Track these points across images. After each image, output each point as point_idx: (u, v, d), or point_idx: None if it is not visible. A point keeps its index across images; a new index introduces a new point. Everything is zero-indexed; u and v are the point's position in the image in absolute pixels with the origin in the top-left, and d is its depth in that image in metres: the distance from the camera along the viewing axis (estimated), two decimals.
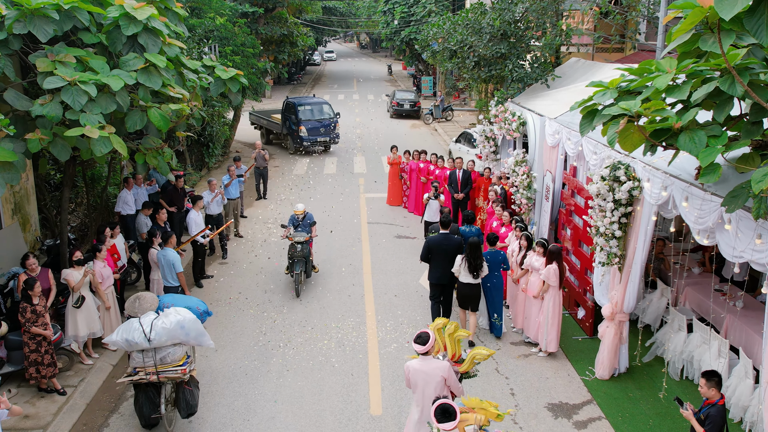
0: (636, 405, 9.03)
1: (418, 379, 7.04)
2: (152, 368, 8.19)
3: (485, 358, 7.41)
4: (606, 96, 7.19)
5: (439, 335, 7.44)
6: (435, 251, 10.95)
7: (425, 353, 6.99)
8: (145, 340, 8.03)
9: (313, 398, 9.22)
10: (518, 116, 13.97)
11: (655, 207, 8.43)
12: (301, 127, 26.18)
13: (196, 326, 8.44)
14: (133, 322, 8.22)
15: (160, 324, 8.14)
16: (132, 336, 8.03)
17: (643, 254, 8.91)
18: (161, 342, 8.12)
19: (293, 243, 12.77)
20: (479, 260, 10.34)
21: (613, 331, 9.52)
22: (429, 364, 7.00)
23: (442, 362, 7.06)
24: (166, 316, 8.29)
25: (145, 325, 8.13)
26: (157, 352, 8.19)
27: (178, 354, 8.36)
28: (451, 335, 7.46)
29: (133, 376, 8.25)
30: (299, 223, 13.20)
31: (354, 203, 19.46)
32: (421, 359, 7.06)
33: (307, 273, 13.06)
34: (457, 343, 7.52)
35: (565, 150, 11.89)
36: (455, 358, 7.48)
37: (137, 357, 8.19)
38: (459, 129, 31.10)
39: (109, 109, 8.95)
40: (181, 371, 8.31)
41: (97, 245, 10.30)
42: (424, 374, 7.00)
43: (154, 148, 10.45)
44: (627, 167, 8.89)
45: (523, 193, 13.46)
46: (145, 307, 8.50)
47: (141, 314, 8.37)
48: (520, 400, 9.17)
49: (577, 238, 11.38)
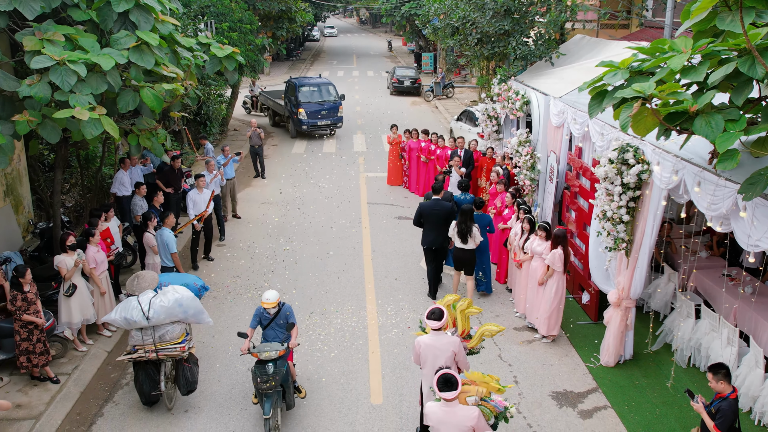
0: (642, 393, 8.84)
1: (429, 354, 7.03)
2: (151, 346, 8.15)
3: (494, 334, 7.50)
4: (617, 76, 6.88)
5: (449, 311, 7.51)
6: (427, 216, 11.33)
7: (438, 329, 6.98)
8: (144, 319, 7.99)
9: (312, 386, 9.01)
10: (522, 95, 13.63)
11: (665, 191, 8.15)
12: (300, 110, 24.54)
13: (195, 304, 8.38)
14: (132, 300, 8.17)
15: (158, 302, 8.09)
16: (130, 314, 7.99)
17: (651, 240, 8.66)
18: (160, 320, 8.08)
19: (260, 362, 7.78)
20: (468, 227, 10.73)
21: (619, 318, 9.30)
22: (440, 340, 7.00)
23: (453, 338, 7.09)
24: (164, 295, 8.24)
25: (143, 303, 8.09)
26: (155, 330, 8.15)
27: (177, 332, 8.31)
28: (463, 312, 7.54)
29: (132, 354, 8.20)
30: (270, 322, 8.26)
31: (354, 183, 19.16)
32: (432, 335, 7.04)
33: (288, 403, 8.12)
34: (467, 319, 7.59)
35: (570, 130, 11.58)
36: (464, 334, 7.59)
37: (136, 335, 8.14)
38: (460, 106, 30.69)
39: (99, 89, 8.64)
40: (180, 349, 8.28)
41: (90, 229, 10.03)
42: (435, 349, 6.99)
43: (148, 129, 10.15)
44: (636, 150, 8.60)
45: (527, 174, 13.17)
46: (143, 285, 8.43)
47: (139, 293, 8.29)
48: (524, 388, 8.97)
49: (582, 220, 11.12)
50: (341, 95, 25.82)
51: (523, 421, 8.25)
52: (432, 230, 11.28)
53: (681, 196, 7.88)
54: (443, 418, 5.94)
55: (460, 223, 10.78)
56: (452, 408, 5.93)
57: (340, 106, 25.33)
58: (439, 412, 5.95)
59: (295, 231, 15.11)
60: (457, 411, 5.93)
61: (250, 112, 30.11)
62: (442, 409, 5.95)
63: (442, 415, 5.94)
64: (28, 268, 8.61)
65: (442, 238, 11.23)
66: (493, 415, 6.46)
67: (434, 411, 6.00)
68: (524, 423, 8.22)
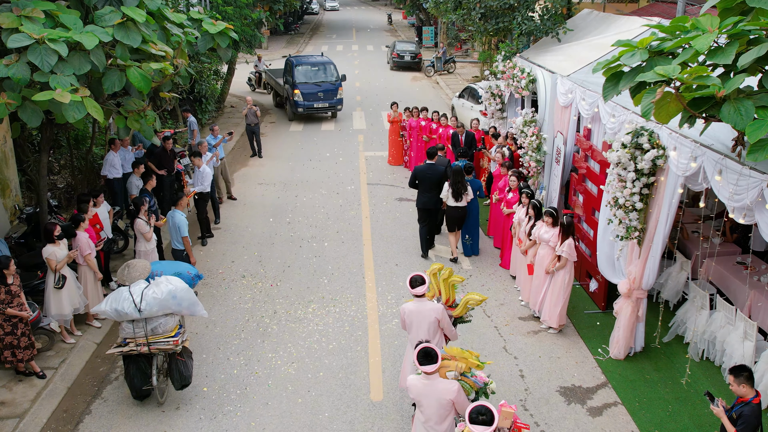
0: (654, 389, 8.46)
1: (412, 319, 7.29)
2: (143, 339, 7.82)
3: (478, 303, 7.70)
4: (635, 57, 6.39)
5: (434, 280, 7.78)
6: (421, 179, 12.05)
7: (420, 296, 7.23)
8: (136, 311, 7.64)
9: (309, 382, 8.64)
10: (528, 73, 13.10)
11: (682, 178, 7.70)
12: (296, 91, 22.97)
13: (189, 296, 8.03)
14: (123, 291, 7.81)
15: (151, 294, 7.73)
16: (121, 306, 7.64)
17: (665, 229, 8.22)
18: (152, 312, 7.73)
19: None
20: (462, 185, 11.56)
21: (629, 309, 8.90)
22: (424, 306, 7.24)
23: (436, 305, 7.31)
24: (157, 286, 7.87)
25: (135, 294, 7.73)
26: (148, 322, 7.81)
27: (170, 324, 7.96)
28: (446, 280, 7.78)
29: (123, 347, 7.85)
30: None
31: (353, 162, 18.67)
32: (416, 301, 7.29)
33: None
34: (452, 288, 7.81)
35: (578, 110, 11.09)
36: (449, 302, 7.79)
37: (127, 327, 7.80)
38: (461, 82, 30.07)
39: (82, 69, 8.15)
40: (173, 342, 7.94)
41: (79, 216, 9.59)
42: (419, 315, 7.24)
43: (136, 111, 9.65)
44: (651, 133, 8.12)
45: (532, 156, 12.69)
46: (134, 275, 8.08)
47: (131, 283, 7.92)
48: (531, 383, 8.60)
49: (590, 205, 10.67)
50: (342, 75, 24.29)
51: (530, 419, 7.88)
52: (425, 192, 12.02)
53: (699, 185, 7.44)
54: (423, 391, 6.04)
55: (454, 182, 11.54)
56: (432, 381, 6.02)
57: (340, 88, 23.74)
58: (420, 385, 6.05)
59: (292, 213, 14.67)
60: (437, 384, 6.02)
61: (254, 89, 29.48)
62: (422, 382, 6.04)
63: (422, 388, 6.04)
64: (11, 259, 8.18)
65: (434, 199, 11.97)
66: (473, 390, 6.47)
67: (415, 384, 6.09)
68: (531, 421, 7.85)
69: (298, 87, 23.10)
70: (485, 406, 5.11)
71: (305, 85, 23.19)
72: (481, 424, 5.04)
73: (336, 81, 23.73)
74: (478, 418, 5.07)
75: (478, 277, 11.55)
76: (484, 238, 13.20)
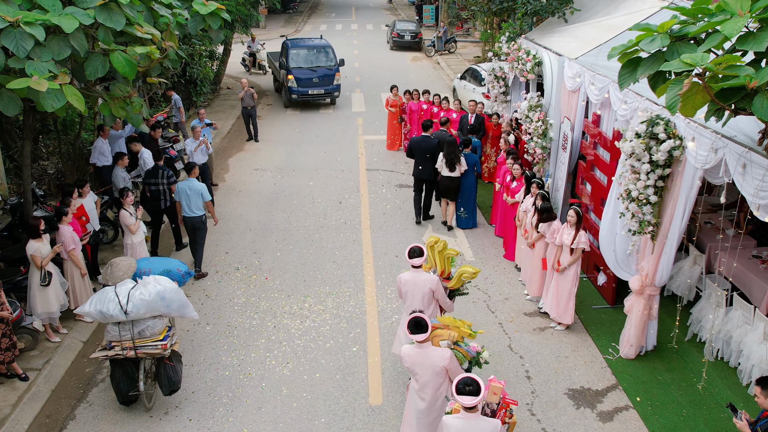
0: (666, 390, 8.05)
1: (408, 289, 7.49)
2: (129, 343, 7.36)
3: (472, 276, 7.80)
4: (654, 42, 5.87)
5: (430, 252, 7.89)
6: (416, 150, 12.66)
7: (417, 267, 7.42)
8: (121, 313, 7.16)
9: (305, 384, 8.22)
10: (533, 55, 12.54)
11: (701, 171, 7.22)
12: (290, 76, 21.57)
13: (179, 296, 7.56)
14: (108, 291, 7.32)
15: (138, 294, 7.25)
16: (106, 307, 7.15)
17: (681, 224, 7.76)
18: (139, 314, 7.25)
19: None
20: (455, 155, 12.04)
21: (641, 306, 8.46)
22: (419, 276, 7.45)
23: (431, 276, 7.50)
24: (145, 286, 7.38)
25: (121, 295, 7.23)
26: (134, 325, 7.34)
27: (158, 327, 7.49)
28: (441, 253, 7.87)
29: (108, 350, 7.40)
30: None
31: (352, 146, 18.15)
32: (412, 271, 7.49)
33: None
34: (447, 260, 7.90)
35: (587, 95, 10.57)
36: (444, 274, 7.91)
37: (113, 330, 7.34)
38: (463, 62, 29.42)
39: (62, 54, 7.67)
40: (161, 346, 7.48)
41: (62, 208, 9.12)
42: (414, 285, 7.43)
43: (121, 97, 9.15)
44: (667, 123, 7.62)
45: (538, 142, 12.16)
46: (118, 274, 7.57)
47: (116, 282, 7.43)
48: (537, 384, 8.18)
49: (598, 195, 10.21)
50: (340, 60, 22.79)
51: (538, 425, 7.48)
52: (420, 163, 12.59)
53: (719, 178, 6.96)
54: (417, 359, 6.15)
55: (448, 153, 12.01)
56: (425, 350, 6.14)
57: (337, 73, 22.23)
58: (413, 353, 6.17)
59: (288, 201, 14.19)
60: (430, 352, 6.15)
61: (249, 70, 28.74)
62: (415, 350, 6.16)
63: (416, 357, 6.16)
64: None
65: (428, 170, 12.50)
66: (466, 359, 6.56)
67: (409, 353, 6.21)
68: (538, 427, 7.45)
69: (293, 72, 21.74)
70: (471, 377, 5.19)
71: (300, 70, 21.82)
72: (468, 394, 5.12)
73: (333, 66, 22.32)
74: (464, 389, 5.15)
75: (481, 269, 11.03)
76: (487, 227, 12.76)
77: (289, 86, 21.72)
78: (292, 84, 21.67)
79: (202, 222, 10.72)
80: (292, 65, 21.85)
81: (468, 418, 5.20)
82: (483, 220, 13.15)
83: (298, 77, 21.67)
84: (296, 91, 21.70)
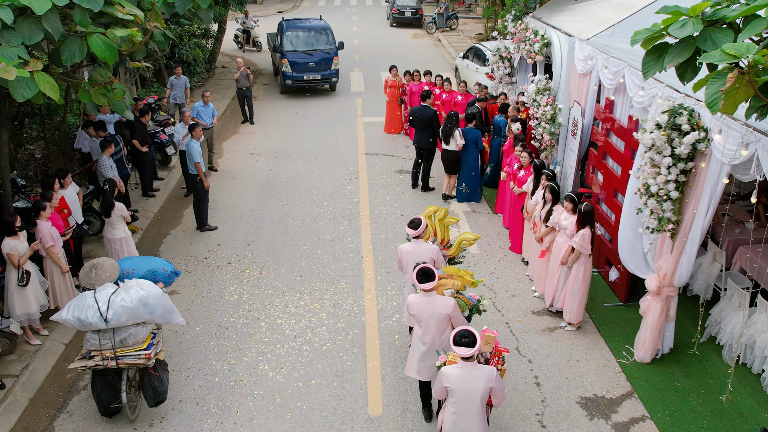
0: (685, 399, 7.54)
1: (409, 260, 7.59)
2: (110, 352, 6.81)
3: (472, 242, 8.09)
4: (686, 28, 5.24)
5: (430, 221, 8.08)
6: (415, 118, 13.20)
7: (417, 236, 7.56)
8: (101, 320, 6.60)
9: (300, 392, 7.70)
10: (542, 36, 11.88)
11: (728, 167, 6.64)
12: (284, 60, 20.10)
13: (163, 302, 6.99)
14: (87, 297, 6.74)
15: (119, 301, 6.67)
16: (85, 315, 6.60)
17: (704, 222, 7.18)
18: (121, 322, 6.71)
19: None
20: (449, 129, 12.32)
21: (658, 308, 7.92)
22: (420, 247, 7.59)
23: (432, 245, 7.67)
24: (127, 291, 6.81)
25: (101, 301, 6.66)
26: (115, 333, 6.79)
27: (142, 335, 6.97)
28: (441, 221, 8.15)
29: (87, 360, 6.85)
30: None
31: (351, 129, 17.50)
32: (413, 242, 7.65)
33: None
34: (446, 228, 8.21)
35: (599, 79, 9.94)
36: (444, 242, 8.18)
37: (92, 338, 6.80)
38: (465, 40, 28.65)
39: (33, 39, 7.05)
40: (145, 356, 6.93)
41: (40, 203, 8.54)
42: (415, 255, 7.52)
43: (102, 84, 8.52)
44: (691, 113, 7.03)
45: (546, 128, 11.54)
46: (103, 277, 7.02)
47: (98, 286, 6.87)
48: (548, 392, 7.67)
49: (612, 186, 9.63)
50: (339, 43, 21.26)
51: None
52: (418, 132, 13.10)
53: (751, 175, 6.38)
54: (423, 307, 6.51)
55: (444, 126, 12.43)
56: (431, 298, 6.52)
57: (336, 57, 20.68)
58: (419, 301, 6.54)
59: (284, 188, 13.60)
60: (435, 300, 6.52)
61: (242, 47, 27.94)
62: (422, 299, 6.53)
63: (421, 304, 6.52)
64: None
65: (425, 139, 12.96)
66: (467, 307, 6.88)
67: (415, 301, 6.57)
68: None
69: (287, 56, 20.19)
70: (468, 329, 5.56)
71: (294, 54, 20.29)
72: (465, 345, 5.47)
73: (331, 50, 20.75)
74: (461, 341, 5.49)
75: (486, 262, 10.57)
76: (492, 217, 12.20)
77: (284, 71, 20.25)
78: (286, 69, 20.18)
79: (195, 181, 11.30)
80: (287, 48, 20.42)
81: (465, 367, 5.59)
82: (489, 209, 12.58)
83: (293, 61, 20.18)
84: (291, 76, 20.22)
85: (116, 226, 9.45)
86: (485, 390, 5.58)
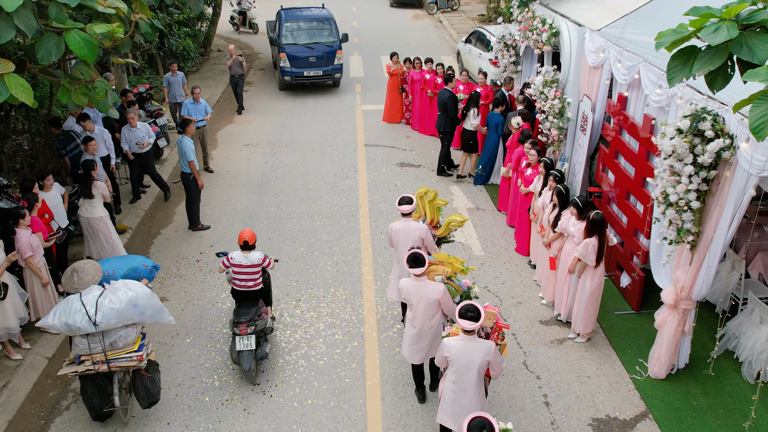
0: (703, 420, 7.10)
1: (399, 237, 7.83)
2: (100, 356, 6.56)
3: (459, 224, 8.28)
4: (720, 33, 4.70)
5: (420, 202, 8.21)
6: (438, 101, 13.23)
7: (407, 214, 7.77)
8: (90, 324, 6.34)
9: (295, 413, 7.26)
10: (550, 25, 11.29)
11: (756, 178, 6.14)
12: (282, 54, 18.43)
13: (153, 302, 6.73)
14: (74, 301, 6.43)
15: (107, 303, 6.40)
16: (73, 319, 6.31)
17: (728, 234, 6.69)
18: (110, 324, 6.43)
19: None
20: (466, 108, 12.68)
21: (675, 323, 7.45)
22: (409, 225, 7.81)
23: (420, 224, 7.87)
24: (114, 293, 6.50)
25: (88, 304, 6.37)
26: (105, 336, 6.55)
27: (132, 336, 6.68)
28: (431, 202, 8.28)
29: (77, 365, 6.56)
30: None
31: (349, 118, 16.93)
32: (403, 220, 7.86)
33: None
34: (436, 209, 8.34)
35: (611, 73, 9.40)
36: (433, 223, 8.33)
37: (81, 343, 6.52)
38: (466, 21, 27.91)
39: (5, 37, 6.54)
40: (137, 358, 6.70)
41: (18, 210, 8.04)
42: (404, 233, 7.77)
43: (83, 82, 7.99)
44: (715, 117, 6.51)
45: (554, 122, 11.00)
46: (85, 280, 6.69)
47: (81, 290, 6.55)
48: (557, 413, 7.23)
49: (624, 187, 9.13)
50: (343, 35, 19.56)
51: None
52: (438, 114, 13.21)
53: None
54: (414, 291, 6.70)
55: (465, 106, 12.77)
56: (421, 283, 6.69)
57: (339, 51, 18.91)
58: (411, 286, 6.71)
59: (280, 183, 13.09)
60: (426, 285, 6.69)
61: (237, 29, 27.22)
62: (413, 283, 6.70)
63: (412, 289, 6.70)
64: None
65: (441, 122, 13.11)
66: (458, 293, 7.02)
67: (406, 285, 6.74)
68: None
69: (285, 50, 18.48)
70: (473, 304, 5.73)
71: (293, 47, 18.58)
72: (469, 319, 5.67)
73: (334, 42, 19.00)
74: (467, 314, 5.69)
75: (491, 265, 10.10)
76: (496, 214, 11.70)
77: (282, 66, 18.59)
78: (284, 64, 18.50)
79: (188, 180, 10.89)
80: (285, 41, 18.69)
81: (466, 339, 5.79)
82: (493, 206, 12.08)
83: (291, 56, 18.47)
84: (289, 72, 18.53)
85: (95, 205, 9.42)
86: (483, 363, 5.78)
